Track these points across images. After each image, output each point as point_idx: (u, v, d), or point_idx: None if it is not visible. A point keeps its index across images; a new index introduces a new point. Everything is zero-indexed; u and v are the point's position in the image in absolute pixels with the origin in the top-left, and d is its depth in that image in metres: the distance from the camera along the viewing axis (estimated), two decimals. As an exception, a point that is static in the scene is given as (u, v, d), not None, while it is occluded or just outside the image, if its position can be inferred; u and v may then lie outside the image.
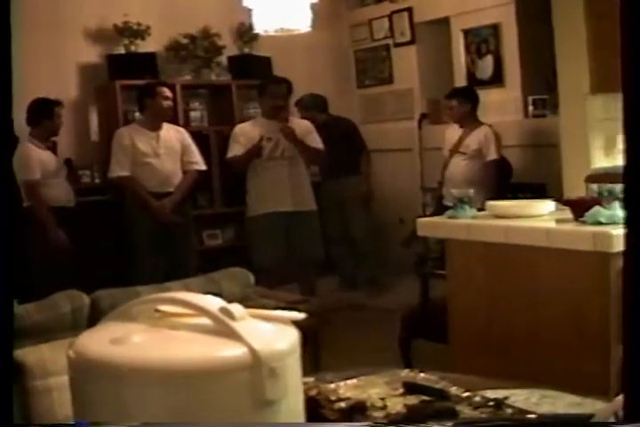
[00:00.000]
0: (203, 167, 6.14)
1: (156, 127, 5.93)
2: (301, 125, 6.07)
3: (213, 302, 1.28)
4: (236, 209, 6.67)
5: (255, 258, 5.92)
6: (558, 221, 3.43)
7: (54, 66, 6.80)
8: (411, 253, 5.87)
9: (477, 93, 6.32)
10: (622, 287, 1.26)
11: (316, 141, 6.03)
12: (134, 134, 5.91)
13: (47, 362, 2.31)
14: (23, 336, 3.10)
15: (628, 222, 1.27)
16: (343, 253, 7.27)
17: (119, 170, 5.85)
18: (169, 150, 5.92)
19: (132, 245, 6.01)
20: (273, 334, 1.29)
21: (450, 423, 1.48)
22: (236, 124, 6.33)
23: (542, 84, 6.55)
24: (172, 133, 6.01)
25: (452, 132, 6.38)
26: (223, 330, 1.23)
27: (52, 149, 5.96)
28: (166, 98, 5.92)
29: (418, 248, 5.52)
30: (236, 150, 5.95)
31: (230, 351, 1.20)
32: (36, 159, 5.68)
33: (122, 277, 5.49)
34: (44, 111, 5.80)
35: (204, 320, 1.27)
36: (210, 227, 7.17)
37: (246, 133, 5.95)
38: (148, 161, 5.85)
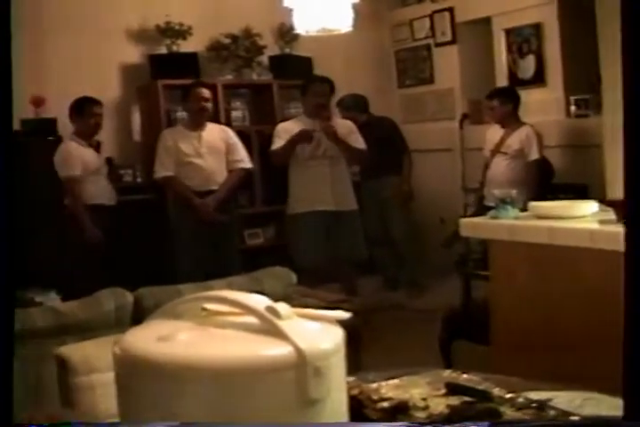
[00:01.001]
0: (248, 165, 6.15)
1: (197, 127, 5.97)
2: (344, 125, 6.07)
3: (260, 301, 1.29)
4: (277, 208, 6.68)
5: (296, 257, 5.93)
6: (602, 222, 3.40)
7: (97, 66, 6.86)
8: (451, 253, 5.85)
9: (518, 93, 6.29)
10: (623, 287, 1.25)
11: (358, 142, 6.03)
12: (177, 135, 5.97)
13: (91, 359, 2.33)
14: (67, 333, 3.13)
15: (629, 222, 1.26)
16: (384, 253, 7.25)
17: (163, 171, 5.91)
18: (211, 150, 5.95)
19: (174, 243, 6.05)
20: (318, 333, 1.29)
21: (487, 424, 1.47)
22: (278, 123, 6.34)
23: (585, 84, 6.49)
24: (215, 133, 6.05)
25: (494, 132, 6.35)
26: (269, 329, 1.24)
27: (96, 147, 5.99)
28: (203, 99, 5.94)
29: (459, 249, 5.50)
30: (278, 145, 5.97)
31: (276, 350, 1.21)
32: (76, 156, 5.74)
33: (163, 276, 5.52)
34: (82, 110, 5.86)
35: (250, 319, 1.28)
36: (251, 226, 7.18)
37: (288, 131, 5.96)
38: (191, 160, 5.90)
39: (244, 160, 6.11)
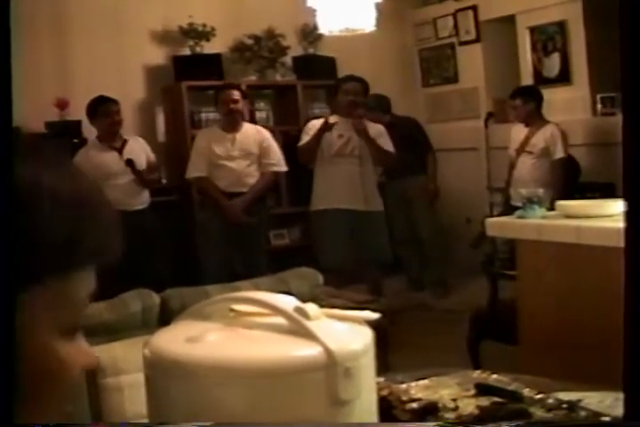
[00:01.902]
0: (283, 169, 6.15)
1: (231, 129, 5.98)
2: (374, 128, 6.04)
3: (288, 302, 1.28)
4: (303, 209, 6.67)
5: (320, 255, 5.93)
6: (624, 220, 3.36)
7: (121, 68, 6.89)
8: (477, 253, 5.83)
9: (541, 92, 6.25)
10: (624, 286, 1.22)
11: (387, 145, 6.00)
12: (212, 137, 5.99)
13: (119, 360, 2.33)
14: (93, 335, 3.13)
15: (629, 219, 1.24)
16: (409, 253, 7.24)
17: (195, 171, 5.95)
18: (244, 152, 5.95)
19: (200, 245, 6.06)
20: (348, 333, 1.28)
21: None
22: (301, 124, 6.34)
23: (611, 82, 6.45)
24: (250, 135, 6.04)
25: (518, 131, 6.32)
26: (298, 330, 1.23)
27: (120, 149, 5.88)
28: (232, 101, 5.92)
29: (486, 248, 5.47)
30: (304, 141, 5.98)
31: (305, 351, 1.20)
32: (86, 163, 5.57)
33: (189, 277, 5.52)
34: (96, 110, 5.79)
35: (279, 320, 1.27)
36: (277, 226, 7.18)
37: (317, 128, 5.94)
38: (222, 163, 5.91)
39: (278, 163, 6.10)
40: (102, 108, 5.78)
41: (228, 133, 5.97)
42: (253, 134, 6.07)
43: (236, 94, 5.98)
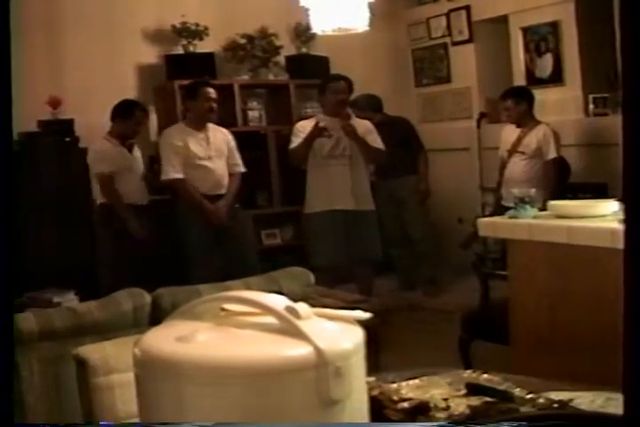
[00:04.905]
0: (243, 169, 6.08)
1: (202, 128, 5.89)
2: (362, 125, 6.05)
3: (279, 301, 1.28)
4: (295, 208, 6.67)
5: (312, 256, 5.92)
6: (622, 221, 3.38)
7: (114, 67, 6.89)
8: (469, 253, 5.83)
9: (532, 92, 6.26)
10: (623, 286, 1.22)
11: (376, 142, 6.02)
12: (184, 135, 5.84)
13: (110, 359, 2.32)
14: (85, 334, 3.14)
15: (628, 220, 1.24)
16: (401, 253, 7.24)
17: (172, 172, 5.78)
18: (218, 152, 5.91)
19: (187, 245, 6.01)
20: (338, 333, 1.28)
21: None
22: (294, 123, 6.33)
23: (603, 83, 6.46)
24: (218, 135, 5.98)
25: (510, 131, 6.32)
26: (289, 329, 1.23)
27: (129, 148, 5.98)
28: (212, 99, 5.84)
29: (476, 249, 5.47)
30: (296, 144, 5.96)
31: (296, 350, 1.20)
32: (109, 154, 5.74)
33: (178, 276, 5.51)
34: (124, 112, 5.86)
35: (269, 319, 1.27)
36: (268, 226, 7.18)
37: (306, 130, 5.93)
38: (202, 164, 5.81)
39: (241, 164, 6.06)
40: (137, 113, 5.92)
41: (199, 132, 5.87)
42: (220, 134, 6.00)
43: (214, 92, 5.89)
